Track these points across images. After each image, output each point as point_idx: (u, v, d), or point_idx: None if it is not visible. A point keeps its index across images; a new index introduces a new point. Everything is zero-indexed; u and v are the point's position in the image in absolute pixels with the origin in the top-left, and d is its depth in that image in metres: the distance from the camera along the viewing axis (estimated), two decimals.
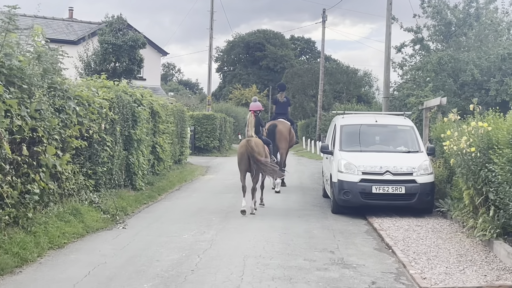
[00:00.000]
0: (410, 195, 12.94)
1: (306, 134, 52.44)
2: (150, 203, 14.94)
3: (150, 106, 17.86)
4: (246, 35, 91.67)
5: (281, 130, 18.43)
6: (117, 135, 14.09)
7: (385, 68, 22.04)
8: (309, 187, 18.97)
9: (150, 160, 18.24)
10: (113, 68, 25.27)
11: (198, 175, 22.47)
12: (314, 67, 56.60)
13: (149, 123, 17.75)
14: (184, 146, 25.57)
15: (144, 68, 40.93)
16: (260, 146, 13.49)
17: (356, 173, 13.13)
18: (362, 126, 14.92)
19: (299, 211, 13.94)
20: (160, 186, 17.66)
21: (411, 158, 13.60)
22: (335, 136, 14.82)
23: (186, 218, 12.72)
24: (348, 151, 13.95)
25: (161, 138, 19.18)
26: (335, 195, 13.43)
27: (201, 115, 35.19)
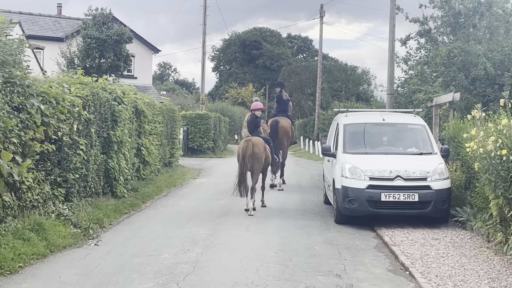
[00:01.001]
0: (424, 203, 11.40)
1: (304, 133, 50.90)
2: (132, 213, 13.38)
3: (134, 105, 16.30)
4: (242, 33, 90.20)
5: (284, 125, 18.05)
6: (93, 137, 12.52)
7: (389, 63, 20.50)
8: (308, 192, 17.41)
9: (135, 164, 16.68)
10: (98, 64, 23.66)
11: (189, 179, 20.90)
12: (312, 65, 55.08)
13: (133, 123, 16.20)
14: (175, 147, 24.00)
15: (135, 66, 39.55)
16: (261, 145, 13.36)
17: (363, 179, 11.59)
18: (367, 125, 13.37)
19: (299, 221, 12.39)
20: (145, 192, 16.10)
21: (425, 161, 12.07)
22: (337, 137, 13.27)
23: (169, 231, 11.16)
24: (353, 153, 12.41)
25: (147, 139, 17.62)
26: (338, 203, 11.89)
27: (194, 115, 33.61)
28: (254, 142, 13.21)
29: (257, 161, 13.18)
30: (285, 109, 19.13)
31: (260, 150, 13.24)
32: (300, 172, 23.96)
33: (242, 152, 13.07)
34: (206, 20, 38.35)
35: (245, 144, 13.14)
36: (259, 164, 13.33)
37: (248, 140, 13.23)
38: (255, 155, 13.08)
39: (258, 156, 13.17)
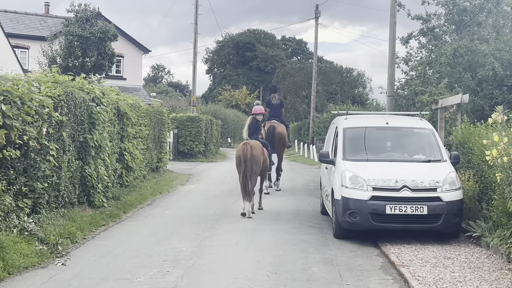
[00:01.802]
0: (434, 216, 10.23)
1: (299, 137, 49.70)
2: (111, 225, 12.15)
3: (116, 106, 15.08)
4: (236, 35, 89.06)
5: (280, 132, 18.24)
6: (66, 141, 11.29)
7: (389, 63, 19.33)
8: (304, 201, 16.20)
9: (117, 170, 15.45)
10: (81, 63, 22.37)
11: (177, 185, 19.66)
12: (307, 67, 53.89)
13: (115, 126, 14.98)
14: (163, 151, 22.77)
15: (124, 66, 38.33)
16: (258, 148, 13.55)
17: (365, 189, 10.40)
18: (369, 129, 12.19)
19: (294, 235, 11.19)
20: (127, 201, 14.87)
21: (434, 169, 10.89)
22: (336, 142, 12.09)
23: (149, 247, 9.94)
24: (354, 160, 11.22)
25: (130, 143, 16.39)
26: (338, 216, 10.69)
27: (185, 117, 32.33)
28: (252, 145, 13.32)
29: (255, 163, 13.28)
30: (277, 114, 19.15)
31: (258, 153, 13.39)
32: (294, 178, 22.76)
33: (243, 156, 13.11)
34: (198, 19, 37.15)
35: (244, 148, 13.22)
36: (257, 167, 13.45)
37: (246, 144, 13.34)
38: (253, 157, 13.21)
39: (256, 159, 13.30)
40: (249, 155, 13.15)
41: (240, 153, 13.28)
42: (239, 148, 13.46)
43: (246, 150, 13.18)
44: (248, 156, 13.14)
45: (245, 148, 13.24)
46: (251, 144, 13.40)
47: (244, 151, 13.19)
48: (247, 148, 13.23)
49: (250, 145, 13.35)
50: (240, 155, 13.27)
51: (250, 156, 13.17)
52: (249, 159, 13.15)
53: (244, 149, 13.22)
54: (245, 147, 13.27)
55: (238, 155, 13.39)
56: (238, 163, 13.43)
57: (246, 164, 13.13)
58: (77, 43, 21.72)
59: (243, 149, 13.24)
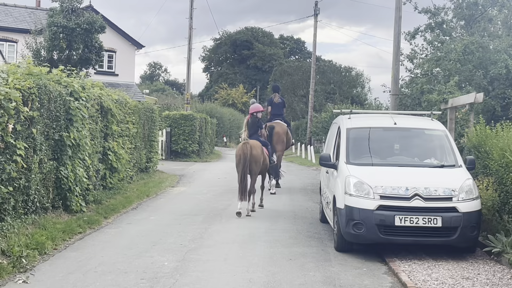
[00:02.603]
0: (449, 229, 9.07)
1: (296, 137, 48.45)
2: (88, 232, 10.96)
3: (99, 102, 13.90)
4: (233, 33, 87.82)
5: (279, 132, 18.20)
6: (37, 139, 10.10)
7: (394, 60, 18.15)
8: (302, 206, 15.03)
9: (100, 171, 14.28)
10: (67, 56, 21.10)
11: (166, 187, 18.46)
12: (305, 65, 52.83)
13: (97, 123, 13.81)
14: (153, 151, 21.57)
15: (116, 62, 37.11)
16: (258, 148, 13.54)
17: (372, 197, 9.24)
18: (376, 130, 11.02)
19: (290, 247, 10.01)
20: (110, 204, 13.70)
21: (448, 176, 9.74)
22: (339, 144, 10.92)
23: (126, 261, 8.76)
24: (359, 164, 10.05)
25: (115, 142, 15.20)
26: (341, 226, 9.52)
27: (178, 115, 31.12)
28: (252, 145, 13.32)
29: (255, 163, 13.28)
30: (279, 113, 19.11)
31: (258, 153, 13.39)
32: (291, 180, 21.58)
33: (243, 155, 13.05)
34: (193, 14, 35.82)
35: (243, 147, 13.16)
36: (257, 167, 13.47)
37: (246, 143, 13.28)
38: (253, 157, 13.20)
39: (256, 159, 13.30)
40: (248, 155, 13.09)
41: (240, 152, 13.19)
42: (239, 148, 13.40)
43: (246, 150, 13.10)
44: (248, 156, 13.08)
45: (245, 147, 13.15)
46: (251, 144, 13.34)
47: (244, 151, 13.10)
48: (247, 147, 13.15)
49: (250, 144, 13.28)
50: (239, 155, 13.18)
51: (250, 156, 13.12)
52: (249, 159, 13.09)
53: (244, 148, 13.13)
54: (245, 146, 13.18)
55: (238, 154, 13.29)
56: (238, 163, 13.32)
57: (245, 164, 13.07)
58: (62, 35, 20.45)
59: (243, 149, 13.15)
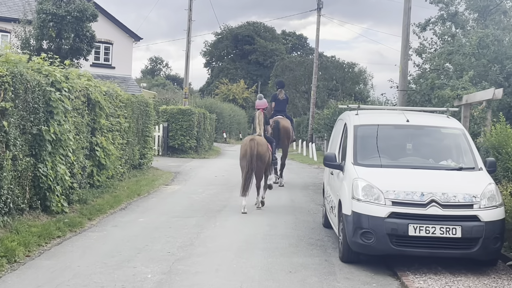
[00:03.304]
0: (470, 240, 8.05)
1: (297, 134, 47.48)
2: (68, 236, 9.96)
3: (86, 93, 12.88)
4: (235, 28, 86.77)
5: (285, 126, 18.13)
6: (11, 133, 9.09)
7: (402, 53, 17.09)
8: (303, 209, 14.00)
9: (86, 168, 13.26)
10: (57, 46, 20.03)
11: (159, 186, 17.43)
12: (307, 61, 51.77)
13: (84, 117, 12.80)
14: (147, 147, 20.56)
15: (113, 54, 36.07)
16: (264, 145, 13.41)
17: (382, 203, 8.22)
18: (386, 128, 9.98)
19: (290, 256, 8.99)
20: (97, 204, 12.70)
21: (468, 180, 8.72)
22: (345, 142, 9.89)
23: (104, 273, 7.74)
24: (367, 165, 9.03)
25: (104, 137, 14.18)
26: (347, 235, 8.51)
27: (176, 110, 30.06)
28: (258, 142, 13.19)
29: (260, 160, 13.13)
30: (283, 109, 18.96)
31: (264, 149, 13.27)
32: (292, 179, 20.55)
33: (250, 152, 12.95)
34: (192, 6, 34.73)
35: (251, 144, 13.06)
36: (263, 164, 13.32)
37: (253, 139, 13.17)
38: (259, 154, 13.07)
39: (262, 156, 13.16)
40: (255, 152, 12.98)
41: (247, 148, 13.06)
42: (245, 144, 13.24)
43: (253, 147, 13.00)
44: (255, 153, 12.97)
45: (252, 144, 13.05)
46: (257, 141, 13.20)
47: (252, 147, 12.99)
48: (254, 144, 13.05)
49: (257, 141, 13.16)
50: (246, 150, 13.05)
51: (257, 153, 13.00)
52: (255, 155, 12.97)
53: (252, 145, 13.03)
54: (252, 143, 13.07)
55: (244, 150, 13.14)
56: (242, 158, 13.22)
57: (252, 161, 12.94)
58: (51, 23, 19.38)
59: (250, 145, 13.03)
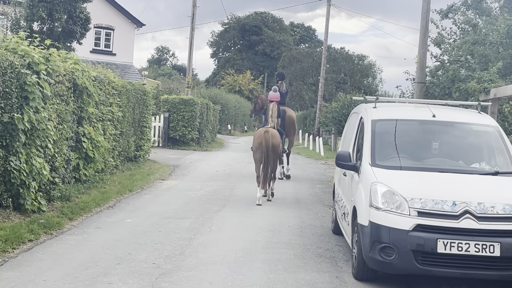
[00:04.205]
0: (510, 260, 6.74)
1: (304, 127, 46.20)
2: (41, 240, 8.71)
3: (71, 78, 11.59)
4: (242, 18, 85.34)
5: (291, 116, 18.18)
6: None
7: (420, 43, 15.71)
8: (309, 211, 12.69)
9: (71, 161, 12.00)
10: (49, 28, 18.72)
11: (154, 181, 16.15)
12: (315, 52, 50.30)
13: (69, 104, 11.52)
14: (144, 138, 19.29)
15: (114, 41, 34.77)
16: (278, 137, 13.51)
17: (406, 213, 6.91)
18: (410, 124, 8.65)
19: (295, 271, 7.70)
20: (81, 202, 11.45)
21: (507, 187, 7.40)
22: (362, 139, 8.59)
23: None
24: (388, 167, 7.71)
25: (92, 127, 12.91)
26: (363, 249, 7.21)
27: (178, 100, 28.74)
28: (272, 134, 13.31)
29: (273, 152, 13.26)
30: (284, 102, 18.64)
31: (278, 142, 13.41)
32: (297, 176, 19.27)
33: (265, 144, 13.07)
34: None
35: (265, 136, 13.16)
36: (276, 156, 13.50)
37: (268, 131, 13.28)
38: (273, 146, 13.21)
39: (275, 148, 13.29)
40: (270, 144, 13.11)
41: (261, 140, 13.14)
42: (260, 135, 13.29)
43: (268, 139, 13.10)
44: (270, 145, 13.10)
45: (267, 136, 13.13)
46: (272, 133, 13.30)
47: (266, 139, 13.09)
48: (269, 136, 13.14)
49: (271, 133, 13.26)
50: (260, 143, 13.14)
51: (271, 145, 13.13)
52: (270, 147, 13.10)
53: (266, 137, 13.11)
54: (267, 135, 13.16)
55: (259, 142, 13.22)
56: (256, 150, 13.30)
57: (267, 153, 13.07)
58: (42, 3, 18.06)
59: (265, 137, 13.12)
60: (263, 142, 13.07)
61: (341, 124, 31.42)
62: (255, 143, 13.39)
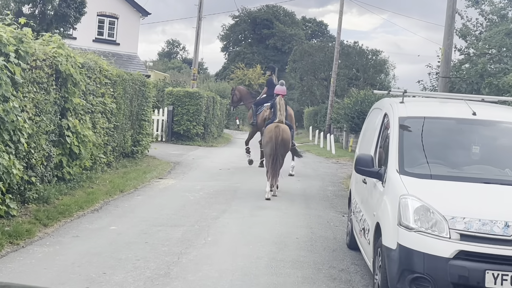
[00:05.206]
0: None
1: (314, 123, 44.70)
2: (4, 253, 7.35)
3: (52, 63, 10.19)
4: (253, 11, 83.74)
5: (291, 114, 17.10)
6: None
7: (446, 33, 14.17)
8: (321, 218, 11.24)
9: (52, 158, 10.61)
10: (41, 11, 17.35)
11: (151, 179, 14.76)
12: (327, 46, 48.70)
13: (49, 94, 10.13)
14: (143, 132, 17.90)
15: (118, 30, 33.41)
16: (288, 132, 13.51)
17: (446, 235, 5.49)
18: (445, 123, 7.19)
19: None
20: (61, 204, 10.09)
21: None
22: (386, 140, 7.14)
23: None
24: (420, 176, 6.26)
25: (78, 120, 11.51)
26: (388, 278, 5.77)
27: (183, 92, 27.27)
28: (283, 129, 13.32)
29: (284, 147, 13.31)
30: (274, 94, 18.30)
31: (288, 136, 13.45)
32: (307, 176, 17.83)
33: (275, 139, 13.06)
34: None
35: (276, 130, 13.17)
36: (285, 151, 13.53)
37: (278, 126, 13.29)
38: (284, 140, 13.23)
39: (285, 143, 13.32)
40: (280, 138, 13.10)
41: (272, 135, 13.15)
42: (271, 130, 13.27)
43: (279, 133, 13.11)
44: (280, 139, 13.09)
45: (278, 131, 13.14)
46: (282, 128, 13.31)
47: (277, 134, 13.09)
48: (279, 131, 13.16)
49: (282, 128, 13.27)
50: (271, 137, 13.14)
51: (281, 139, 13.13)
52: (280, 142, 13.10)
53: (277, 132, 13.13)
54: (278, 129, 13.17)
55: (269, 136, 13.23)
56: (266, 144, 13.35)
57: (277, 148, 13.06)
58: None
59: (276, 132, 13.13)
60: (273, 136, 13.06)
61: (354, 121, 29.94)
62: (266, 137, 13.39)
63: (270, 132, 13.26)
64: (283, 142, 13.17)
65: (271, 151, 13.10)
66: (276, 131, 13.12)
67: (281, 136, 13.11)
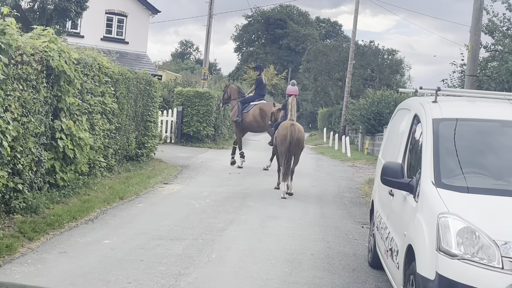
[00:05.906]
0: None
1: (328, 125, 43.63)
2: None
3: (42, 59, 9.25)
4: (267, 11, 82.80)
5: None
6: None
7: (473, 27, 13.04)
8: (338, 230, 10.19)
9: (43, 162, 9.67)
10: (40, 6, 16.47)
11: (155, 185, 13.78)
12: (342, 46, 47.58)
13: (39, 92, 9.20)
14: (148, 134, 16.95)
15: (127, 28, 32.53)
16: (302, 131, 13.60)
17: (497, 265, 4.46)
18: (487, 126, 6.14)
19: None
20: (52, 214, 9.15)
21: None
22: (417, 146, 6.11)
23: None
24: (461, 189, 5.22)
25: (73, 121, 10.56)
26: None
27: (193, 93, 26.31)
28: (298, 128, 13.27)
29: (298, 146, 13.30)
30: (264, 93, 18.85)
31: (302, 135, 13.48)
32: (322, 181, 16.79)
33: (290, 137, 12.96)
34: None
35: (291, 129, 13.06)
36: (299, 150, 13.49)
37: (293, 125, 13.18)
38: (299, 139, 13.21)
39: (301, 141, 13.34)
40: (295, 137, 13.03)
41: (286, 132, 13.03)
42: (285, 128, 13.14)
43: (294, 132, 13.01)
44: (295, 138, 13.01)
45: (293, 129, 13.04)
46: (297, 127, 13.26)
47: (292, 133, 12.99)
48: (294, 129, 13.07)
49: (297, 127, 13.22)
50: (285, 135, 13.04)
51: (296, 138, 13.06)
52: (295, 141, 13.02)
53: (292, 130, 13.02)
54: (293, 128, 13.07)
55: (283, 134, 13.12)
56: (280, 143, 13.23)
57: (291, 147, 12.98)
58: None
59: (291, 131, 13.02)
60: (288, 135, 12.94)
61: (370, 123, 28.88)
62: (280, 136, 13.27)
63: (285, 129, 13.12)
64: (298, 141, 13.14)
65: (286, 148, 13.01)
66: (291, 129, 13.02)
67: (296, 135, 13.04)
